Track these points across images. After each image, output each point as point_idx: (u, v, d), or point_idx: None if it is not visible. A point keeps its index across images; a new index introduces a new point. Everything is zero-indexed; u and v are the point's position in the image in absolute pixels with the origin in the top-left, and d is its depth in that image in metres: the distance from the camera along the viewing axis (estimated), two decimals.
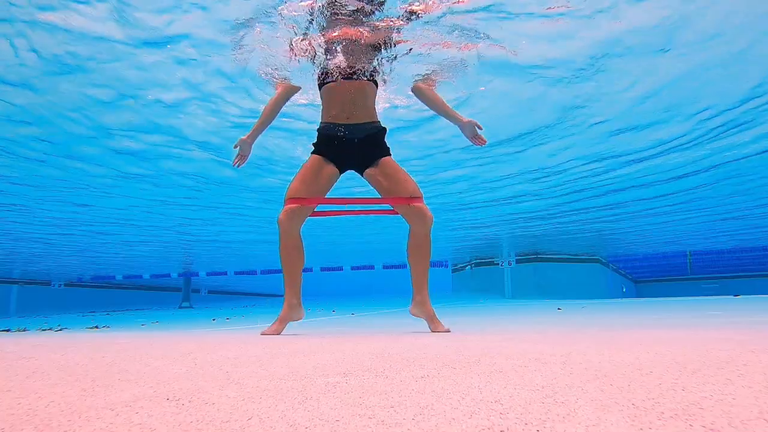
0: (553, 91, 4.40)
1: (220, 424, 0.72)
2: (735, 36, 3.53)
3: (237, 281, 23.48)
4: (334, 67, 2.56)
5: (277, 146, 5.55)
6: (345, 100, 2.51)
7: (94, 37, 3.39)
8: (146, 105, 4.48)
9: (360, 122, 2.52)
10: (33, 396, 0.91)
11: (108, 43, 3.46)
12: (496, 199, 8.10)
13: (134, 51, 3.58)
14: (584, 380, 0.92)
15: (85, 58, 3.64)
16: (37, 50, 3.49)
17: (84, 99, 4.29)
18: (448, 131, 5.19)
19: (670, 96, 4.48)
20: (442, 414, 0.73)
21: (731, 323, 2.55)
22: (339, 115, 2.51)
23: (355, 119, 2.51)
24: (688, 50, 3.73)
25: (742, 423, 0.64)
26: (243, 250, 13.23)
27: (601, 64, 3.92)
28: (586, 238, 11.97)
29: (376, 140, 2.55)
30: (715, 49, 3.70)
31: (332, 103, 2.55)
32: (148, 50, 3.58)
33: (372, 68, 2.59)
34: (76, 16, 3.17)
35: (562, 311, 5.31)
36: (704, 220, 10.03)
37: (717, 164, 6.35)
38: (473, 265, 15.89)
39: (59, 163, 5.71)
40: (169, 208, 8.07)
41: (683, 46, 3.68)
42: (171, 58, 3.70)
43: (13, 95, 4.13)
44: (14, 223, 8.71)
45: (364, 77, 2.54)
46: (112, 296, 20.56)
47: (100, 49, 3.52)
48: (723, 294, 13.43)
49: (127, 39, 3.44)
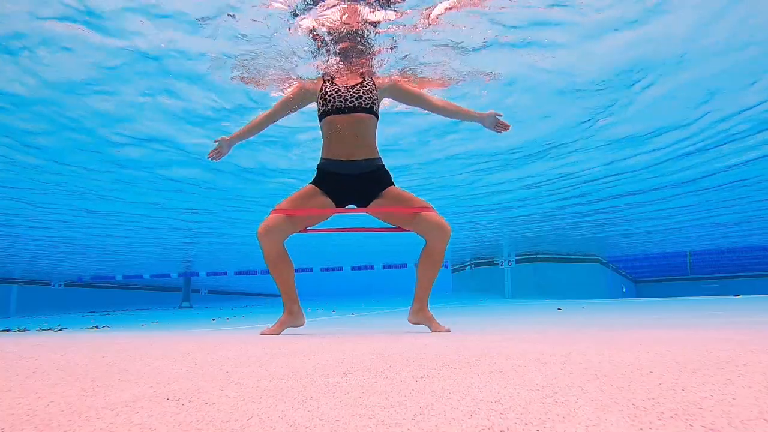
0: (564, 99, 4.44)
1: (220, 424, 0.72)
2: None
3: (237, 281, 23.48)
4: (335, 98, 2.47)
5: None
6: (347, 136, 2.45)
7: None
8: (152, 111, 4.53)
9: (361, 158, 2.47)
10: (33, 396, 0.91)
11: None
12: (499, 200, 8.11)
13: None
14: (584, 380, 0.92)
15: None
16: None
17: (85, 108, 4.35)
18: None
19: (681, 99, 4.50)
20: (442, 414, 0.73)
21: (731, 323, 2.55)
22: (340, 152, 2.47)
23: (355, 156, 2.46)
24: (697, 58, 3.76)
25: (742, 423, 0.64)
26: (243, 251, 13.23)
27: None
28: (585, 238, 11.98)
29: (376, 177, 2.50)
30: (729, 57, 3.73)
31: (332, 138, 2.49)
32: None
33: (372, 101, 2.48)
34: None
35: (562, 311, 5.31)
36: (705, 221, 10.04)
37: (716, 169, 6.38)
38: (473, 265, 15.89)
39: (55, 168, 5.76)
40: (170, 210, 8.09)
41: (697, 55, 3.72)
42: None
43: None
44: (16, 227, 8.73)
45: (365, 111, 2.46)
46: (112, 296, 20.55)
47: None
48: (723, 294, 13.43)
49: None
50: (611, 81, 4.16)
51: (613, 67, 3.95)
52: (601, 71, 4.01)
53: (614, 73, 4.04)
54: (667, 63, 3.86)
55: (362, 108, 2.45)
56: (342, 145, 2.46)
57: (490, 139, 5.39)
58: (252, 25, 3.11)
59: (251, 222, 9.05)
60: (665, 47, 3.64)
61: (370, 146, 2.51)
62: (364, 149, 2.48)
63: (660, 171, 6.54)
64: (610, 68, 3.96)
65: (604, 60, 3.82)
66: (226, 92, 4.20)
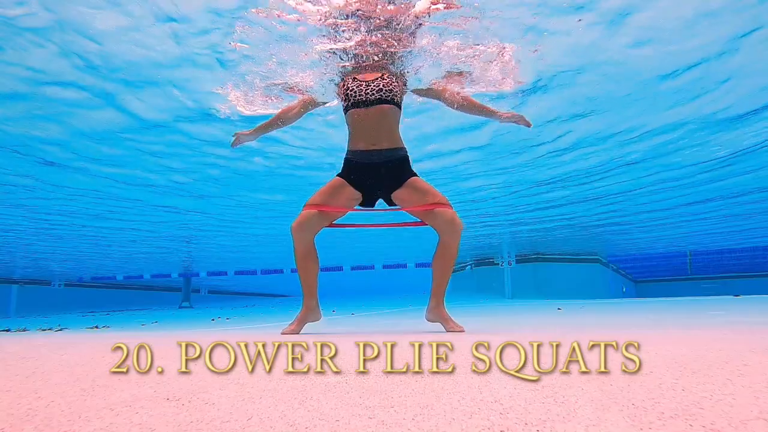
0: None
1: (220, 424, 0.72)
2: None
3: (237, 281, 23.48)
4: (356, 92, 2.56)
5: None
6: (370, 127, 2.53)
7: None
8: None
9: (385, 148, 2.54)
10: (33, 396, 0.91)
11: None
12: (503, 201, 8.13)
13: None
14: (584, 380, 0.92)
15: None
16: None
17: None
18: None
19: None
20: (442, 414, 0.73)
21: (731, 323, 2.55)
22: (365, 143, 2.54)
23: (380, 146, 2.53)
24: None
25: (742, 423, 0.64)
26: (243, 251, 13.24)
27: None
28: (585, 238, 11.99)
29: (400, 166, 2.56)
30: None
31: (357, 130, 2.57)
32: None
33: (392, 93, 2.56)
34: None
35: (562, 311, 5.31)
36: (706, 222, 10.04)
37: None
38: (473, 265, 15.89)
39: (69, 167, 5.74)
40: (172, 212, 8.09)
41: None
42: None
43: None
44: (19, 229, 8.74)
45: (386, 102, 2.54)
46: (112, 296, 20.55)
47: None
48: (723, 294, 13.43)
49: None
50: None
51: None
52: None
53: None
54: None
55: (383, 100, 2.53)
56: (365, 136, 2.54)
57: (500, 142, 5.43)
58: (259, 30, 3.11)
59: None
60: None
61: (393, 136, 2.58)
62: (387, 139, 2.55)
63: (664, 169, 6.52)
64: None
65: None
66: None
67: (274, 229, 9.81)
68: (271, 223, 9.36)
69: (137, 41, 3.44)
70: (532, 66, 3.84)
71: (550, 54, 3.67)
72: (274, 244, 11.89)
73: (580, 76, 4.06)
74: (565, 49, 3.63)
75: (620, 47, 3.64)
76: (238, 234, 10.55)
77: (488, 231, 10.53)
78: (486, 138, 5.41)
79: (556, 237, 11.46)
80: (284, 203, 7.75)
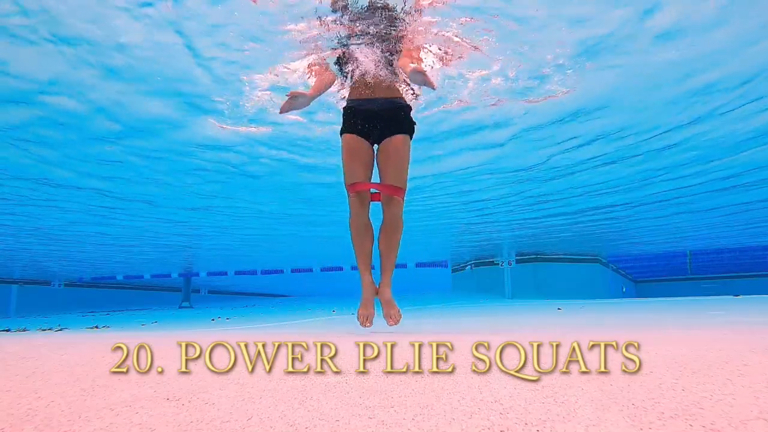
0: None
1: (220, 424, 0.72)
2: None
3: (237, 281, 23.49)
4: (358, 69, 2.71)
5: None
6: (368, 79, 2.64)
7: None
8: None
9: (382, 96, 2.60)
10: (33, 396, 0.91)
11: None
12: (501, 201, 8.12)
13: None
14: (584, 380, 0.92)
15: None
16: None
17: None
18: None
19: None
20: (442, 414, 0.73)
21: (731, 323, 2.55)
22: (363, 92, 2.62)
23: (378, 94, 2.60)
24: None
25: (742, 423, 0.64)
26: (244, 250, 13.24)
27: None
28: (585, 238, 11.99)
29: (396, 114, 2.60)
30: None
31: (357, 83, 2.68)
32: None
33: (392, 54, 2.71)
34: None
35: (562, 311, 5.31)
36: (706, 222, 10.04)
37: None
38: (473, 265, 15.89)
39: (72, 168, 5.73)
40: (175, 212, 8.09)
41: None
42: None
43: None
44: (19, 228, 8.73)
45: (388, 63, 2.69)
46: (112, 296, 20.55)
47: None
48: (723, 294, 13.45)
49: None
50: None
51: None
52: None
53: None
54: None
55: (385, 59, 2.70)
56: (366, 85, 2.64)
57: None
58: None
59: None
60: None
61: (391, 88, 2.65)
62: (388, 89, 2.63)
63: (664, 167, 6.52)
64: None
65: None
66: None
67: (274, 229, 9.81)
68: (271, 223, 9.36)
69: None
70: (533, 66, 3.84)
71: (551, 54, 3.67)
72: (273, 244, 11.90)
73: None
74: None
75: (621, 48, 3.64)
76: (238, 234, 10.55)
77: (490, 231, 10.51)
78: (494, 141, 5.39)
79: (560, 238, 11.43)
80: (284, 204, 7.76)
